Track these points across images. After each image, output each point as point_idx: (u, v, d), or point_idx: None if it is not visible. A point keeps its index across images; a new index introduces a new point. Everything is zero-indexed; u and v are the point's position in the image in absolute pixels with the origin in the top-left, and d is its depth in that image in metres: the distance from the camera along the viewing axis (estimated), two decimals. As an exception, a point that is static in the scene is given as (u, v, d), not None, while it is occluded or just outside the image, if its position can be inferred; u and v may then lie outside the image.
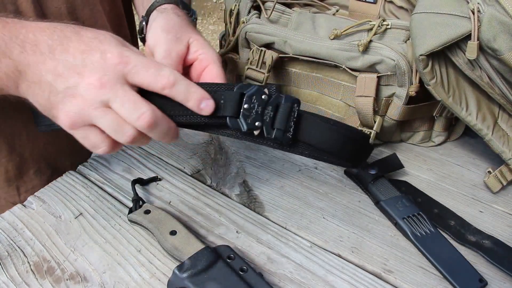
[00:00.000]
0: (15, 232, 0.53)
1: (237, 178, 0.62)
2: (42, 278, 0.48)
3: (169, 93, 0.44)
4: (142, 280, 0.48)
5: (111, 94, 0.42)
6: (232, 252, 0.48)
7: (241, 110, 0.46)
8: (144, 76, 0.43)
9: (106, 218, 0.55)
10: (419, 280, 0.49)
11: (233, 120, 0.46)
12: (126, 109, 0.42)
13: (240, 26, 0.69)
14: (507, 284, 0.49)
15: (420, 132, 0.68)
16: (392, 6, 0.68)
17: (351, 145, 0.51)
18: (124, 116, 0.43)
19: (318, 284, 0.48)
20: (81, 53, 0.43)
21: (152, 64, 0.43)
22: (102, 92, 0.42)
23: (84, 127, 0.44)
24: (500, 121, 0.60)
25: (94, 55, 0.43)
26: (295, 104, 0.47)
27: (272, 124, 0.46)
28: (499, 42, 0.50)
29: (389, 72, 0.59)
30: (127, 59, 0.43)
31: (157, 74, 0.43)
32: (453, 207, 0.58)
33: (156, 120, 0.43)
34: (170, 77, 0.43)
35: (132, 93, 0.43)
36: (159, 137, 0.45)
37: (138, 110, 0.42)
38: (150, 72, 0.43)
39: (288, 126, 0.47)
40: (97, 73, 0.42)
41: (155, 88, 0.43)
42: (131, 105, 0.42)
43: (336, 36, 0.61)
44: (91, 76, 0.42)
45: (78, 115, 0.43)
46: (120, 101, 0.42)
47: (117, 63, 0.42)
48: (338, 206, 0.58)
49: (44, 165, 0.67)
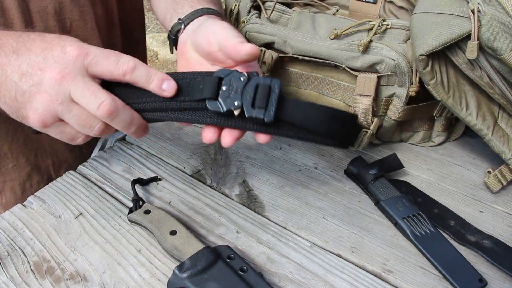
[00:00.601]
0: (15, 232, 0.53)
1: (237, 178, 0.62)
2: (42, 278, 0.48)
3: (130, 78, 0.44)
4: (142, 280, 0.48)
5: (72, 86, 0.43)
6: (232, 252, 0.48)
7: (220, 92, 0.45)
8: (104, 65, 0.44)
9: (106, 218, 0.55)
10: (419, 280, 0.49)
11: (212, 102, 0.45)
12: (86, 99, 0.43)
13: (240, 26, 0.69)
14: (507, 284, 0.49)
15: (420, 132, 0.68)
16: (392, 6, 0.68)
17: (337, 124, 0.49)
18: (85, 107, 0.43)
19: (318, 284, 0.48)
20: (42, 51, 0.44)
21: (112, 53, 0.44)
22: (64, 85, 0.43)
23: (56, 123, 0.45)
24: (500, 121, 0.60)
25: (55, 50, 0.44)
26: (275, 84, 0.45)
27: (252, 104, 0.45)
28: (499, 42, 0.50)
29: (389, 72, 0.59)
30: (87, 51, 0.44)
31: (117, 61, 0.44)
32: (453, 207, 0.58)
33: (117, 108, 0.44)
34: (130, 63, 0.44)
35: (92, 83, 0.44)
36: (124, 127, 0.46)
37: (97, 99, 0.43)
38: (110, 60, 0.44)
39: (270, 104, 0.45)
40: (58, 67, 0.43)
41: (116, 75, 0.44)
42: (91, 94, 0.43)
43: (336, 36, 0.61)
44: (53, 71, 0.43)
45: (46, 111, 0.43)
46: (80, 92, 0.43)
47: (77, 55, 0.44)
48: (338, 206, 0.58)
49: (23, 161, 0.67)
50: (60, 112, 0.44)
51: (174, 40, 0.59)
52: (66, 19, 0.62)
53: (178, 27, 0.58)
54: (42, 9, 0.60)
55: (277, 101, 0.45)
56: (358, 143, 0.62)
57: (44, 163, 0.69)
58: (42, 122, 0.44)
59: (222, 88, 0.45)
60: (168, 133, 0.70)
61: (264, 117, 0.45)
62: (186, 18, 0.58)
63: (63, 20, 0.62)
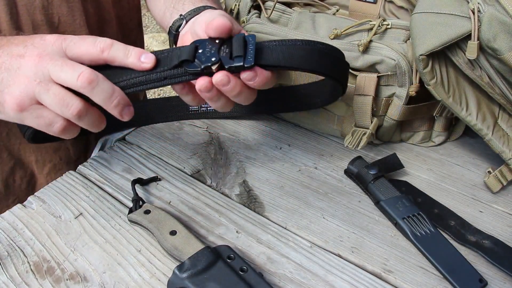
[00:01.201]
0: (15, 232, 0.53)
1: (237, 178, 0.62)
2: (42, 278, 0.48)
3: (108, 55, 0.45)
4: (142, 280, 0.48)
5: (51, 64, 0.44)
6: (232, 252, 0.48)
7: (196, 55, 0.46)
8: (82, 46, 0.45)
9: (106, 218, 0.55)
10: (419, 280, 0.49)
11: (190, 64, 0.45)
12: (65, 72, 0.44)
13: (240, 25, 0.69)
14: (507, 284, 0.49)
15: (420, 132, 0.68)
16: (392, 6, 0.68)
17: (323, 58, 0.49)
18: (64, 80, 0.44)
19: (318, 284, 0.48)
20: (23, 41, 0.46)
21: (89, 36, 0.46)
22: (42, 64, 0.44)
23: (33, 106, 0.45)
24: (500, 121, 0.60)
25: (35, 39, 0.46)
26: (249, 37, 0.46)
27: (230, 56, 0.45)
28: (499, 42, 0.50)
29: (389, 72, 0.59)
30: (65, 37, 0.46)
31: (94, 41, 0.46)
32: (453, 207, 0.58)
33: (97, 77, 0.44)
34: (107, 41, 0.46)
35: (70, 61, 0.45)
36: (106, 99, 0.45)
37: (77, 70, 0.44)
38: (87, 41, 0.46)
39: (247, 52, 0.45)
40: (36, 50, 0.45)
41: (94, 52, 0.45)
42: (70, 67, 0.44)
43: (336, 36, 0.61)
44: (32, 54, 0.45)
45: (23, 93, 0.44)
46: (59, 68, 0.44)
47: (55, 39, 0.46)
48: (338, 206, 0.58)
49: (6, 155, 0.66)
50: (38, 92, 0.44)
51: (174, 35, 0.59)
52: (54, 14, 0.62)
53: (179, 23, 0.58)
54: (29, 3, 0.59)
55: (254, 47, 0.45)
56: (357, 142, 0.62)
57: (27, 158, 0.68)
58: (18, 105, 0.44)
59: (199, 51, 0.46)
60: (168, 133, 0.70)
61: (244, 64, 0.45)
62: (188, 14, 0.58)
63: (50, 15, 0.61)
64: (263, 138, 0.69)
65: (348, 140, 0.63)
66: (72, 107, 0.44)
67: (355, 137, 0.63)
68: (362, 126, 0.63)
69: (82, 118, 0.45)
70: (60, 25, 0.63)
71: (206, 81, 0.46)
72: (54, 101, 0.44)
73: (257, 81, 0.46)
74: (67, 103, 0.44)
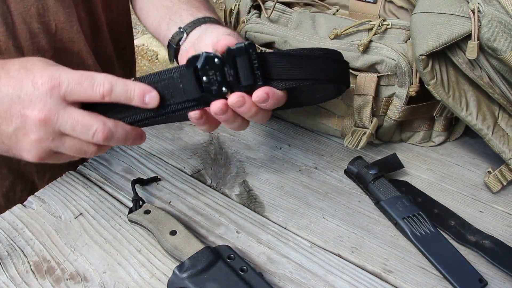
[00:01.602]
0: (15, 232, 0.53)
1: (237, 178, 0.62)
2: (42, 278, 0.48)
3: (110, 99, 0.44)
4: (142, 280, 0.48)
5: (59, 123, 0.43)
6: (232, 252, 0.48)
7: (203, 85, 0.45)
8: (80, 93, 0.43)
9: (106, 218, 0.55)
10: (419, 280, 0.49)
11: (201, 98, 0.45)
12: (78, 132, 0.43)
13: (240, 25, 0.69)
14: (507, 284, 0.49)
15: (420, 132, 0.68)
16: (392, 6, 0.68)
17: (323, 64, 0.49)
18: (79, 138, 0.44)
19: (318, 284, 0.48)
20: (13, 89, 0.43)
21: (84, 76, 0.43)
22: (50, 125, 0.43)
23: (52, 154, 0.45)
24: (500, 121, 0.60)
25: (26, 87, 0.42)
26: (250, 50, 0.44)
27: (238, 81, 0.45)
28: (499, 42, 0.50)
29: (389, 72, 0.59)
30: (59, 80, 0.42)
31: (92, 85, 0.43)
32: (453, 207, 0.58)
33: (110, 130, 0.44)
34: (106, 84, 0.43)
35: (77, 113, 0.43)
36: (122, 143, 0.46)
37: (89, 129, 0.43)
38: (84, 85, 0.43)
39: (255, 77, 0.45)
40: (36, 106, 0.42)
41: (95, 99, 0.43)
42: (81, 126, 0.43)
43: (336, 36, 0.61)
44: (33, 111, 0.42)
45: (39, 151, 0.44)
46: (70, 127, 0.43)
47: (51, 88, 0.42)
48: (338, 206, 0.58)
49: (6, 170, 0.66)
50: (54, 147, 0.44)
51: (175, 49, 0.59)
52: (51, 21, 0.60)
53: (180, 36, 0.58)
54: (25, 11, 0.57)
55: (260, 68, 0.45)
56: (357, 142, 0.62)
57: (28, 170, 0.68)
58: (39, 158, 0.45)
59: (203, 79, 0.44)
60: (168, 133, 0.70)
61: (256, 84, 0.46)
62: (187, 26, 0.58)
63: (47, 22, 0.59)
64: (263, 138, 0.69)
65: (347, 140, 0.63)
66: (89, 152, 0.46)
67: (355, 137, 0.63)
68: (362, 126, 0.63)
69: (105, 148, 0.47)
70: (57, 32, 0.61)
71: (221, 103, 0.46)
72: (72, 151, 0.45)
73: (270, 102, 0.46)
74: (85, 151, 0.45)
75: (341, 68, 0.53)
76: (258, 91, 0.45)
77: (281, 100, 0.47)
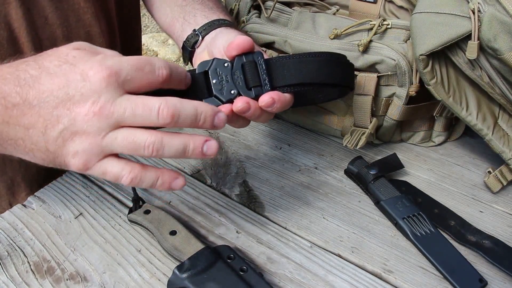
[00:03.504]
0: (15, 232, 0.53)
1: (237, 178, 0.62)
2: (42, 278, 0.48)
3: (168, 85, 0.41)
4: (142, 280, 0.48)
5: (116, 113, 0.37)
6: (232, 252, 0.48)
7: (212, 87, 0.46)
8: (141, 80, 0.38)
9: (106, 218, 0.55)
10: (419, 280, 0.49)
11: (210, 100, 0.46)
12: (140, 115, 0.37)
13: (240, 25, 0.69)
14: (507, 284, 0.49)
15: (420, 132, 0.68)
16: (392, 6, 0.68)
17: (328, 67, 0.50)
18: (143, 124, 0.38)
19: (318, 284, 0.48)
20: (58, 87, 0.37)
21: (141, 61, 0.39)
22: (105, 118, 0.37)
23: (98, 162, 0.39)
24: (500, 121, 0.60)
25: (75, 81, 0.37)
26: (259, 57, 0.47)
27: (247, 85, 0.47)
28: (499, 42, 0.50)
29: (390, 72, 0.59)
30: (115, 69, 0.37)
31: (153, 70, 0.39)
32: (453, 207, 0.58)
33: (176, 106, 0.38)
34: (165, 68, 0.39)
35: (135, 96, 0.38)
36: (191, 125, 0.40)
37: (153, 109, 0.37)
38: (146, 71, 0.38)
39: (262, 80, 0.47)
40: (89, 99, 0.37)
41: (155, 85, 0.40)
42: (142, 107, 0.37)
43: (336, 35, 0.61)
44: (84, 105, 0.37)
45: (88, 152, 0.38)
46: (130, 111, 0.37)
47: (106, 76, 0.37)
48: (338, 206, 0.58)
49: (36, 188, 0.64)
50: (105, 145, 0.38)
51: (190, 52, 0.59)
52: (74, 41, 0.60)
53: (195, 39, 0.58)
54: (51, 35, 0.58)
55: (267, 74, 0.47)
56: (356, 142, 0.62)
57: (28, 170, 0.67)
58: (84, 165, 0.38)
59: (212, 82, 0.46)
60: (168, 133, 0.70)
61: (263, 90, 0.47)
62: (202, 29, 0.58)
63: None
64: (263, 138, 0.69)
65: (347, 140, 0.63)
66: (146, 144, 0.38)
67: (354, 136, 0.63)
68: (361, 126, 0.63)
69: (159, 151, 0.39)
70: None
71: (227, 110, 0.46)
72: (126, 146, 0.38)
73: (277, 106, 0.47)
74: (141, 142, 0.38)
75: (346, 71, 0.54)
76: (264, 96, 0.46)
77: (288, 103, 0.48)
